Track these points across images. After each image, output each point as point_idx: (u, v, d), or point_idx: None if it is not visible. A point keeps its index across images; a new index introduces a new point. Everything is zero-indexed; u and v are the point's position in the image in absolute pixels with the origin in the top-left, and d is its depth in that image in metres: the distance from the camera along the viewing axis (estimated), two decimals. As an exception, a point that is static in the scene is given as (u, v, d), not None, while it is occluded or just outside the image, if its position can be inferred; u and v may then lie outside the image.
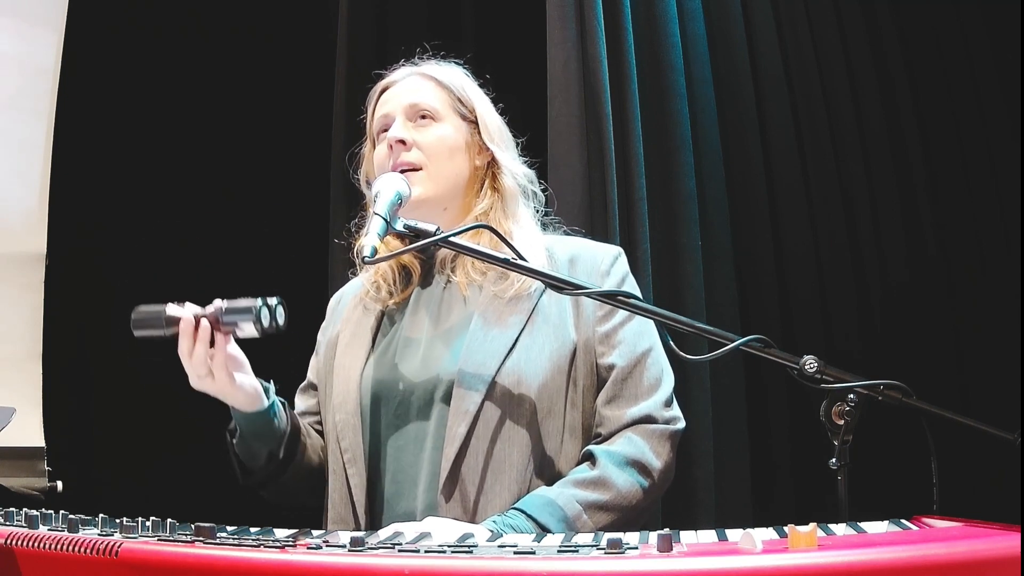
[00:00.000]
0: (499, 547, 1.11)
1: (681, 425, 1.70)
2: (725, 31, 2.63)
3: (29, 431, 2.94)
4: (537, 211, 1.86)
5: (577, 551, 1.05)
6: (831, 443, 1.39)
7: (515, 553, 1.03)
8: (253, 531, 1.32)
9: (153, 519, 1.21)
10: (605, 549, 1.02)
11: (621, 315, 1.71)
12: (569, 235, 1.86)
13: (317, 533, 1.30)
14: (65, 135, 3.08)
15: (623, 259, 1.80)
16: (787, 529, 1.06)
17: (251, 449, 1.73)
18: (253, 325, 1.56)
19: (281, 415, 1.73)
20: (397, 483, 1.66)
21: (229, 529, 1.29)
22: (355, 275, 1.90)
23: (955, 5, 2.57)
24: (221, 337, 1.60)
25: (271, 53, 3.06)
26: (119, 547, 1.11)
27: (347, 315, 1.84)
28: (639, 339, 1.71)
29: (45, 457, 2.96)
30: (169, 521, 1.22)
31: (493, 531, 1.47)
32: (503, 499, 1.60)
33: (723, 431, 2.42)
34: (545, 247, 1.76)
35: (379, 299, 1.80)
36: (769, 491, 2.47)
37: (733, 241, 2.54)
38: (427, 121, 1.79)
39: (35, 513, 1.27)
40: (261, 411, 1.69)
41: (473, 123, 1.82)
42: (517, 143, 1.88)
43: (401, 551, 1.07)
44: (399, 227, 1.62)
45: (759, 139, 2.60)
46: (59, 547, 1.15)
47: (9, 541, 1.18)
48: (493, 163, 1.81)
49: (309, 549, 1.09)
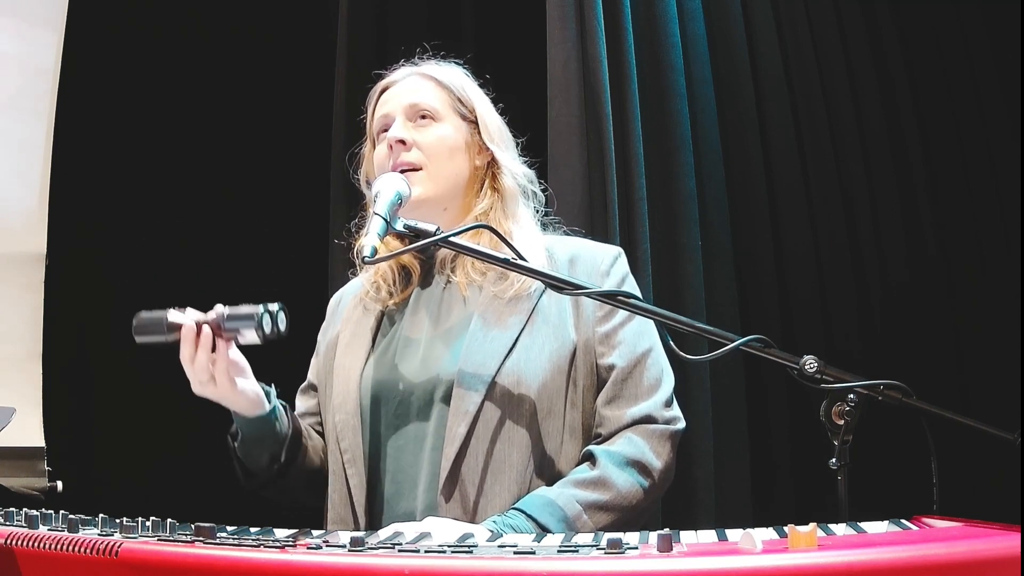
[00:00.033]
0: (499, 547, 1.11)
1: (681, 425, 1.70)
2: (725, 31, 2.63)
3: (29, 431, 2.94)
4: (537, 211, 1.85)
5: (577, 551, 1.05)
6: (831, 443, 1.39)
7: (515, 553, 1.03)
8: (253, 531, 1.32)
9: (153, 519, 1.21)
10: (605, 549, 1.02)
11: (621, 315, 1.71)
12: (569, 235, 1.86)
13: (317, 533, 1.30)
14: (65, 135, 3.08)
15: (623, 259, 1.80)
16: (787, 529, 1.06)
17: (253, 453, 1.73)
18: (255, 332, 1.56)
19: (283, 419, 1.73)
20: (397, 483, 1.66)
21: (229, 529, 1.28)
22: (355, 275, 1.90)
23: (955, 5, 2.57)
24: (223, 343, 1.59)
25: (271, 53, 3.06)
26: (119, 547, 1.11)
27: (347, 315, 1.84)
28: (639, 339, 1.71)
29: (45, 457, 2.96)
30: (169, 521, 1.22)
31: (493, 531, 1.47)
32: (503, 499, 1.60)
33: (723, 431, 2.42)
34: (545, 247, 1.76)
35: (379, 299, 1.80)
36: (769, 491, 2.46)
37: (733, 241, 2.54)
38: (427, 121, 1.79)
39: (35, 513, 1.27)
40: (263, 416, 1.69)
41: (473, 123, 1.82)
42: (517, 143, 1.88)
43: (401, 551, 1.07)
44: (399, 227, 1.62)
45: (759, 139, 2.60)
46: (59, 547, 1.15)
47: (9, 541, 1.18)
48: (493, 163, 1.81)
49: (309, 549, 1.09)
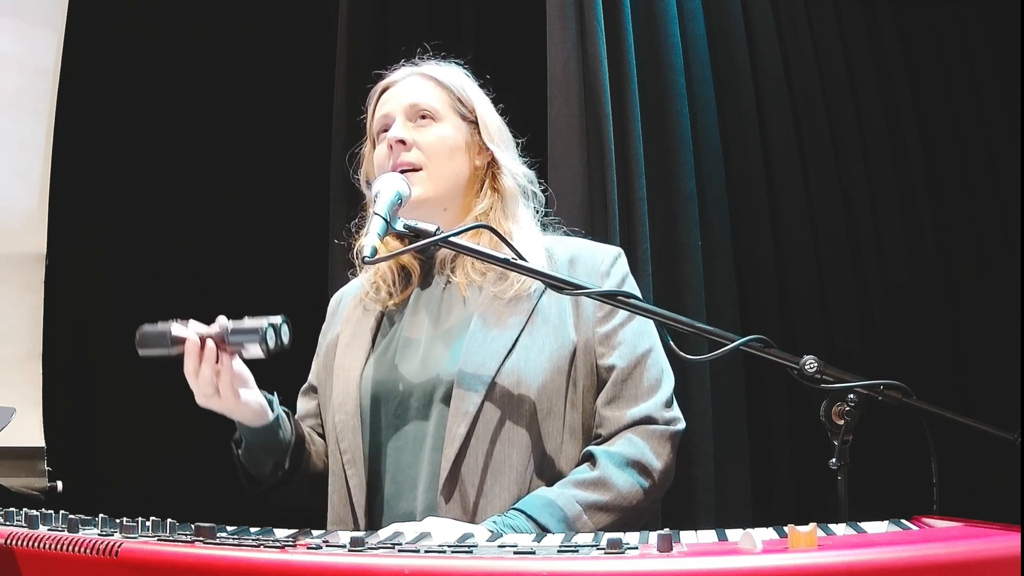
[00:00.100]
0: (499, 547, 1.11)
1: (681, 426, 1.70)
2: (725, 31, 2.63)
3: (29, 431, 2.95)
4: (537, 211, 1.85)
5: (577, 551, 1.05)
6: (831, 443, 1.39)
7: (515, 553, 1.03)
8: (253, 531, 1.32)
9: (153, 519, 1.21)
10: (605, 549, 1.02)
11: (621, 316, 1.71)
12: (569, 235, 1.85)
13: (317, 533, 1.30)
14: (65, 135, 3.08)
15: (623, 259, 1.80)
16: (787, 529, 1.06)
17: (256, 460, 1.74)
18: (259, 346, 1.56)
19: (286, 426, 1.74)
20: (397, 484, 1.66)
21: (229, 529, 1.28)
22: (355, 275, 1.90)
23: (955, 5, 2.57)
24: (226, 356, 1.59)
25: (271, 53, 3.06)
26: (119, 547, 1.11)
27: (347, 316, 1.84)
28: (639, 340, 1.71)
29: (45, 457, 2.96)
30: (169, 521, 1.22)
31: (493, 531, 1.47)
32: (503, 500, 1.60)
33: (723, 431, 2.42)
34: (545, 247, 1.76)
35: (379, 300, 1.80)
36: (769, 491, 2.46)
37: (733, 241, 2.54)
38: (427, 121, 1.79)
39: (35, 513, 1.27)
40: (266, 425, 1.69)
41: (473, 123, 1.82)
42: (517, 143, 1.88)
43: (401, 551, 1.07)
44: (399, 227, 1.62)
45: (759, 139, 2.60)
46: (59, 547, 1.15)
47: (9, 541, 1.18)
48: (493, 163, 1.81)
49: (309, 549, 1.09)
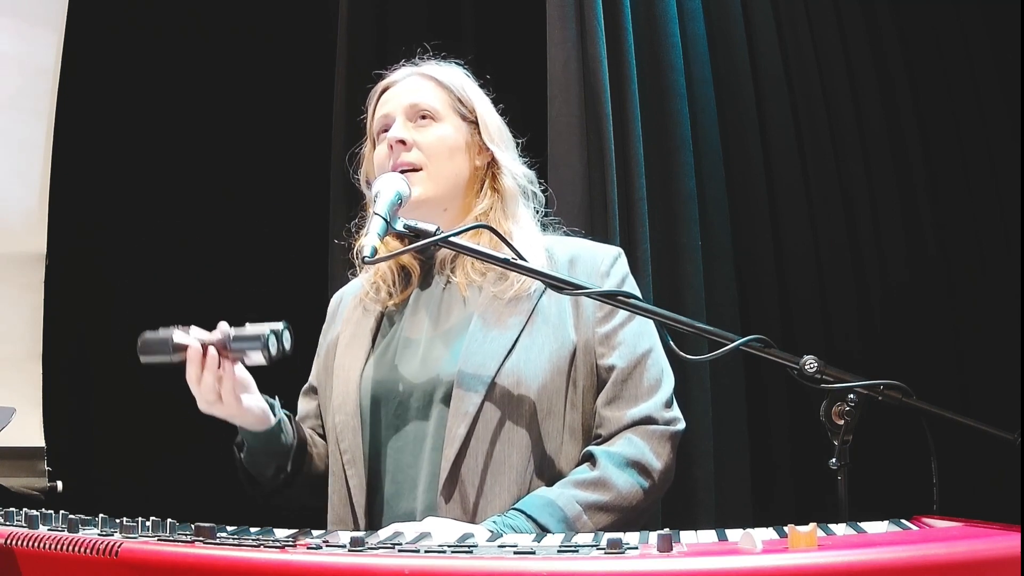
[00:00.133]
0: (499, 547, 1.11)
1: (681, 426, 1.70)
2: (725, 31, 2.63)
3: (29, 431, 2.94)
4: (537, 211, 1.85)
5: (577, 551, 1.04)
6: (831, 443, 1.39)
7: (515, 553, 1.03)
8: (253, 531, 1.32)
9: (153, 519, 1.21)
10: (605, 549, 1.02)
11: (621, 316, 1.71)
12: (569, 235, 1.85)
13: (317, 533, 1.30)
14: (65, 135, 3.08)
15: (623, 260, 1.80)
16: (787, 529, 1.06)
17: (258, 464, 1.74)
18: (261, 353, 1.56)
19: (288, 430, 1.74)
20: (397, 484, 1.66)
21: (229, 529, 1.28)
22: (355, 275, 1.90)
23: (955, 5, 2.57)
24: (228, 363, 1.59)
25: (271, 53, 3.06)
26: (119, 547, 1.11)
27: (347, 316, 1.84)
28: (639, 340, 1.71)
29: (45, 457, 2.96)
30: (169, 521, 1.22)
31: (493, 531, 1.47)
32: (503, 500, 1.60)
33: (723, 431, 2.41)
34: (545, 247, 1.76)
35: (379, 300, 1.80)
36: (769, 491, 2.46)
37: (733, 241, 2.54)
38: (427, 121, 1.79)
39: (35, 513, 1.27)
40: (269, 429, 1.69)
41: (473, 123, 1.82)
42: (517, 143, 1.88)
43: (401, 551, 1.07)
44: (399, 227, 1.62)
45: (759, 139, 2.60)
46: (59, 547, 1.15)
47: (9, 541, 1.18)
48: (493, 163, 1.81)
49: (309, 549, 1.09)
